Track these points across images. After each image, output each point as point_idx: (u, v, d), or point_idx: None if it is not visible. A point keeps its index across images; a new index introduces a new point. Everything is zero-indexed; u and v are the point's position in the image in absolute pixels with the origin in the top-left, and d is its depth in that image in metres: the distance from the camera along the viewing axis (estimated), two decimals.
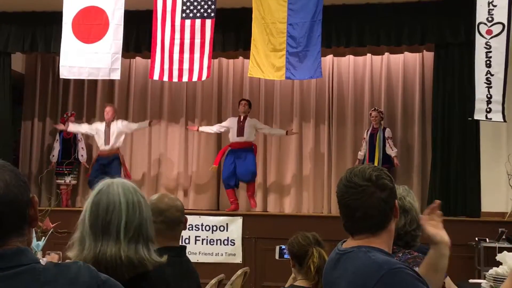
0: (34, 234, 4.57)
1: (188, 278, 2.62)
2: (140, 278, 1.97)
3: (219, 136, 9.33)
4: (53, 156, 9.15)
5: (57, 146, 9.14)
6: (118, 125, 8.58)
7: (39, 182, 9.18)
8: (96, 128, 8.69)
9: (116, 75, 7.61)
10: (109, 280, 1.46)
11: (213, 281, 4.73)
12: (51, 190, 8.93)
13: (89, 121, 9.69)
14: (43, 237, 4.69)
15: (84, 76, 7.76)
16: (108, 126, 8.57)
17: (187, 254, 2.75)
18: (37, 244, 4.60)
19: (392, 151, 8.28)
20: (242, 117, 8.50)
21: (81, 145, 9.19)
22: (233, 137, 8.45)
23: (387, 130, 8.42)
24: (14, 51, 8.84)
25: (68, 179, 8.98)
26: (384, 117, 8.59)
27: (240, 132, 8.40)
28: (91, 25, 7.50)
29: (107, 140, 8.54)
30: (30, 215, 1.43)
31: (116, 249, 1.90)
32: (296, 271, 3.45)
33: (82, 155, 9.15)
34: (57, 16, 7.64)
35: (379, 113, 8.46)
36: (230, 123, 8.59)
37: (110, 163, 8.46)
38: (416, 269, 2.39)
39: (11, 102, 8.88)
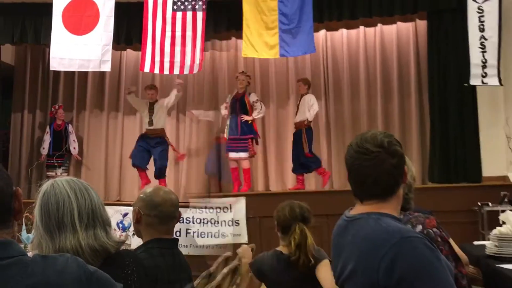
0: (24, 227, 4.57)
1: (180, 270, 2.61)
2: (112, 263, 1.98)
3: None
4: (44, 148, 9.07)
5: (47, 139, 9.06)
6: (164, 103, 8.47)
7: (29, 174, 9.15)
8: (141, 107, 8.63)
9: (107, 67, 7.56)
10: (97, 272, 1.46)
11: (219, 259, 4.76)
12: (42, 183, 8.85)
13: (79, 113, 9.61)
14: (33, 230, 4.65)
15: (74, 68, 7.71)
16: (152, 106, 8.45)
17: (182, 245, 2.72)
18: (27, 236, 4.56)
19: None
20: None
21: (73, 137, 9.13)
22: None
23: None
24: (4, 42, 8.75)
25: (59, 171, 8.92)
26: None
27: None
28: (82, 16, 7.45)
29: (150, 121, 8.43)
30: (15, 208, 1.43)
31: (75, 240, 1.92)
32: (280, 237, 3.64)
33: (74, 148, 9.11)
34: (47, 7, 7.58)
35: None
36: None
37: (155, 145, 8.37)
38: (420, 227, 2.42)
39: (0, 93, 8.81)
